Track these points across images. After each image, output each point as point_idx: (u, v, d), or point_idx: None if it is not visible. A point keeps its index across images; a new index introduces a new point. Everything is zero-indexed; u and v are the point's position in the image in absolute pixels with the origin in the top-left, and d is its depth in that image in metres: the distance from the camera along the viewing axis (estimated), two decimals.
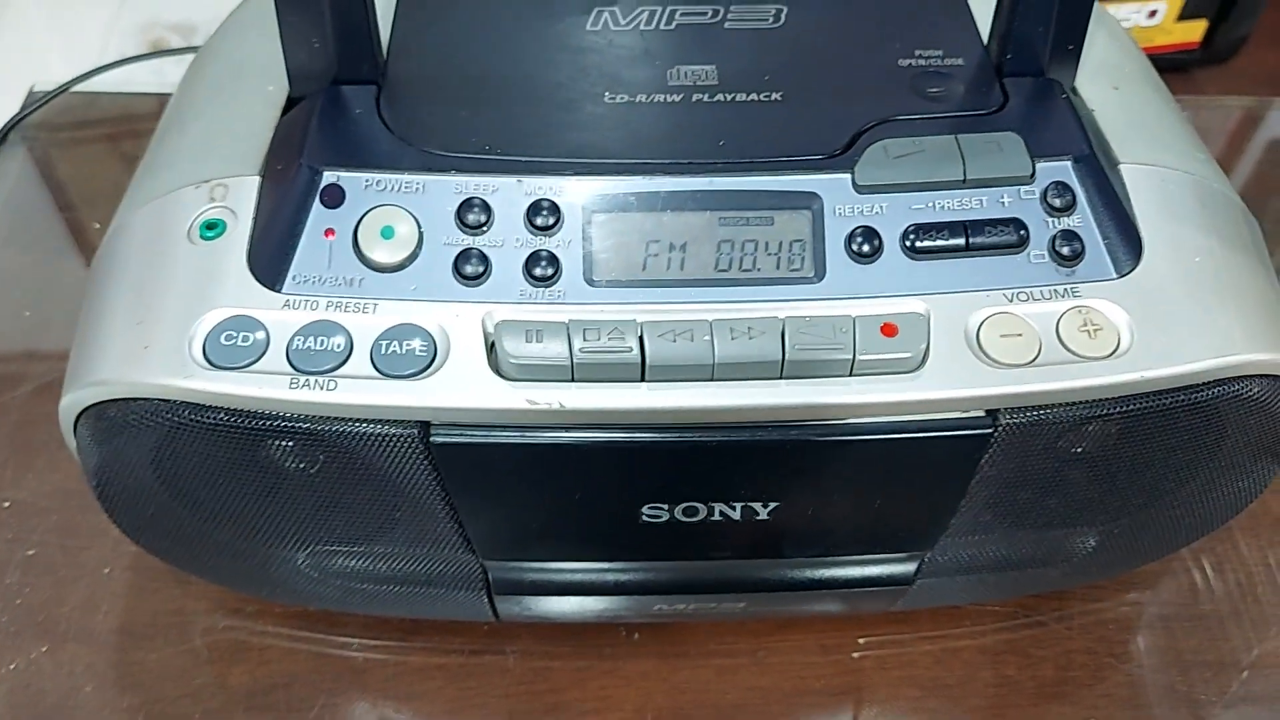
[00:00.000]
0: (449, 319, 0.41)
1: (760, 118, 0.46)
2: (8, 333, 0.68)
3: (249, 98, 0.48)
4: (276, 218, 0.43)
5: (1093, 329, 0.42)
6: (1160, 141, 0.48)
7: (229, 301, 0.42)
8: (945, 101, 0.47)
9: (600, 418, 0.41)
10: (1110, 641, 0.56)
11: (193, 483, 0.43)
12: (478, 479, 0.42)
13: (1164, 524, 0.49)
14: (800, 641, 0.55)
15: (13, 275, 0.71)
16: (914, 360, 0.41)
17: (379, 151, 0.44)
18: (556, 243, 0.43)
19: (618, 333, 0.41)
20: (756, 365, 0.40)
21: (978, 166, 0.44)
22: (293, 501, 0.44)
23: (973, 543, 0.48)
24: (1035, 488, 0.45)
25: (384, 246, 0.42)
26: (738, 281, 0.42)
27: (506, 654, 0.54)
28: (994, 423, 0.41)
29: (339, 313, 0.41)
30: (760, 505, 0.44)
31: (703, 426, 0.41)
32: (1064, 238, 0.43)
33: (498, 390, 0.40)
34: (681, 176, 0.43)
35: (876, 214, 0.43)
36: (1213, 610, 0.57)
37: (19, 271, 0.72)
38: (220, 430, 0.41)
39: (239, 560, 0.48)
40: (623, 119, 0.46)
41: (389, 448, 0.41)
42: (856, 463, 0.43)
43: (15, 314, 0.69)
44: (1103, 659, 0.55)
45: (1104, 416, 0.42)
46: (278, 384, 0.40)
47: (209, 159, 0.46)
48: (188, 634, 0.55)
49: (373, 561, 0.47)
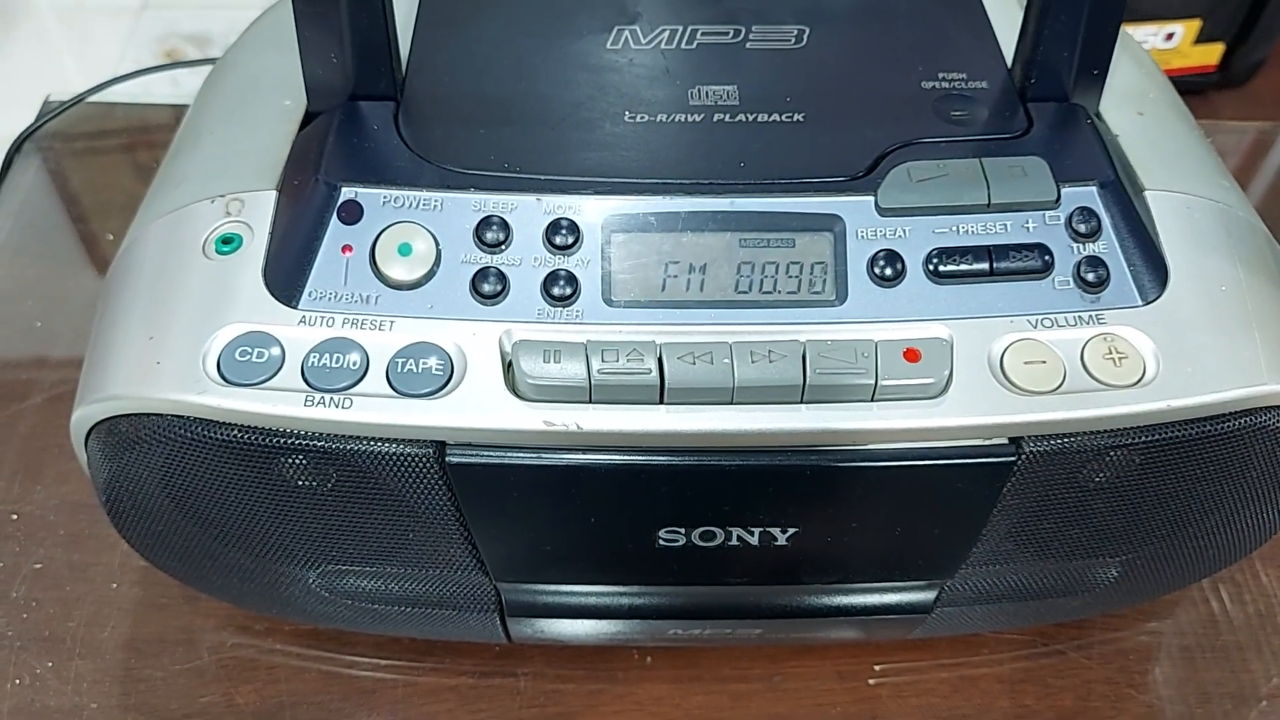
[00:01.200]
0: (466, 338, 0.41)
1: (782, 139, 0.45)
2: (19, 343, 0.68)
3: (266, 112, 0.48)
4: (293, 233, 0.42)
5: (1118, 357, 0.42)
6: (1185, 168, 0.48)
7: (244, 317, 0.41)
8: (969, 125, 0.47)
9: (618, 440, 0.40)
10: (1130, 671, 0.55)
11: (204, 499, 0.43)
12: (493, 500, 0.42)
13: (1187, 554, 0.48)
14: (817, 668, 0.54)
15: (25, 285, 0.71)
16: (937, 386, 0.40)
17: (397, 168, 0.44)
18: (575, 262, 0.42)
19: (636, 354, 0.40)
20: (777, 389, 0.40)
21: (1002, 191, 0.43)
22: (305, 520, 0.44)
23: (993, 572, 0.47)
24: (1058, 517, 0.44)
25: (401, 264, 0.42)
26: (758, 304, 0.42)
27: (518, 676, 0.54)
28: (1017, 451, 0.41)
29: (355, 330, 0.41)
30: (779, 531, 0.43)
31: (721, 450, 0.41)
32: (1089, 264, 0.43)
33: (514, 411, 0.40)
34: (702, 197, 0.43)
35: (899, 237, 0.43)
36: (1233, 640, 0.56)
37: (31, 282, 0.71)
38: (233, 447, 0.40)
39: (249, 578, 0.47)
40: (643, 138, 0.45)
41: (404, 467, 0.40)
42: (877, 490, 0.42)
43: (27, 324, 0.68)
44: (1122, 689, 0.54)
45: (1129, 446, 0.41)
46: (292, 401, 0.40)
47: (225, 173, 0.46)
48: (195, 651, 0.54)
49: (384, 582, 0.47)
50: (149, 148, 0.80)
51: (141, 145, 0.81)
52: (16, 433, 0.62)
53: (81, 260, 0.73)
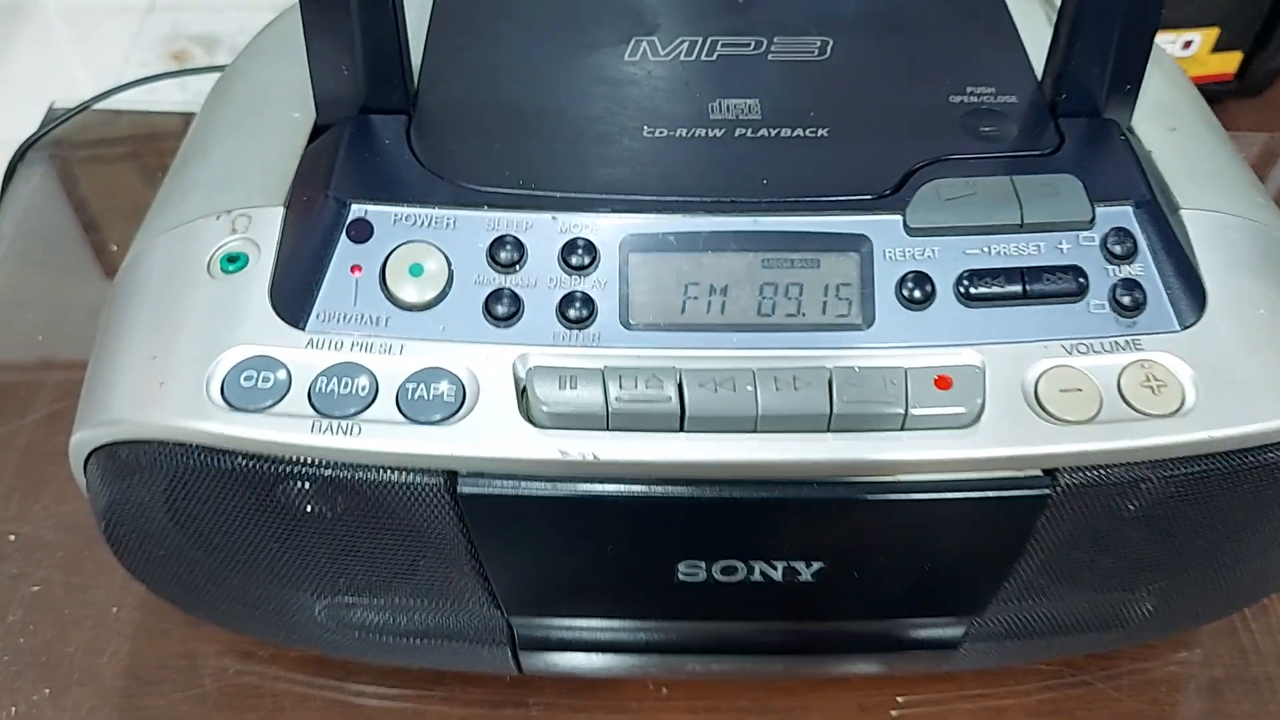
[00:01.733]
0: (479, 362, 0.39)
1: (806, 155, 0.44)
2: (20, 357, 0.67)
3: (274, 124, 0.47)
4: (301, 252, 0.41)
5: (1156, 385, 0.40)
6: (1220, 185, 0.46)
7: (249, 339, 0.40)
8: (999, 141, 0.45)
9: (636, 470, 0.39)
10: (1160, 703, 0.53)
11: (207, 527, 0.42)
12: (506, 531, 0.40)
13: (1222, 586, 0.47)
14: (837, 699, 0.52)
15: (27, 296, 0.70)
16: (969, 415, 0.39)
17: (409, 184, 0.42)
18: (592, 283, 0.41)
19: (656, 380, 0.39)
20: (802, 418, 0.38)
21: (1035, 210, 0.42)
22: (311, 548, 0.42)
23: (1024, 606, 0.45)
24: (1092, 549, 0.43)
25: (412, 284, 0.40)
26: (782, 327, 0.40)
27: (529, 706, 0.52)
28: (1053, 483, 0.39)
29: (364, 354, 0.40)
30: (803, 565, 0.42)
31: (744, 481, 0.39)
32: (1125, 286, 0.41)
33: (529, 439, 0.38)
34: (723, 215, 0.42)
35: (929, 258, 0.41)
36: (1263, 671, 0.55)
37: (33, 292, 0.70)
38: (238, 475, 0.39)
39: (253, 607, 0.46)
40: (662, 154, 0.44)
41: (413, 497, 0.39)
42: (907, 523, 0.41)
43: (28, 337, 0.67)
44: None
45: (1168, 477, 0.40)
46: (299, 427, 0.38)
47: (231, 188, 0.44)
48: (197, 678, 0.53)
49: (392, 614, 0.45)
50: (156, 155, 0.79)
51: (148, 152, 0.79)
52: (16, 447, 0.61)
53: (86, 270, 0.72)
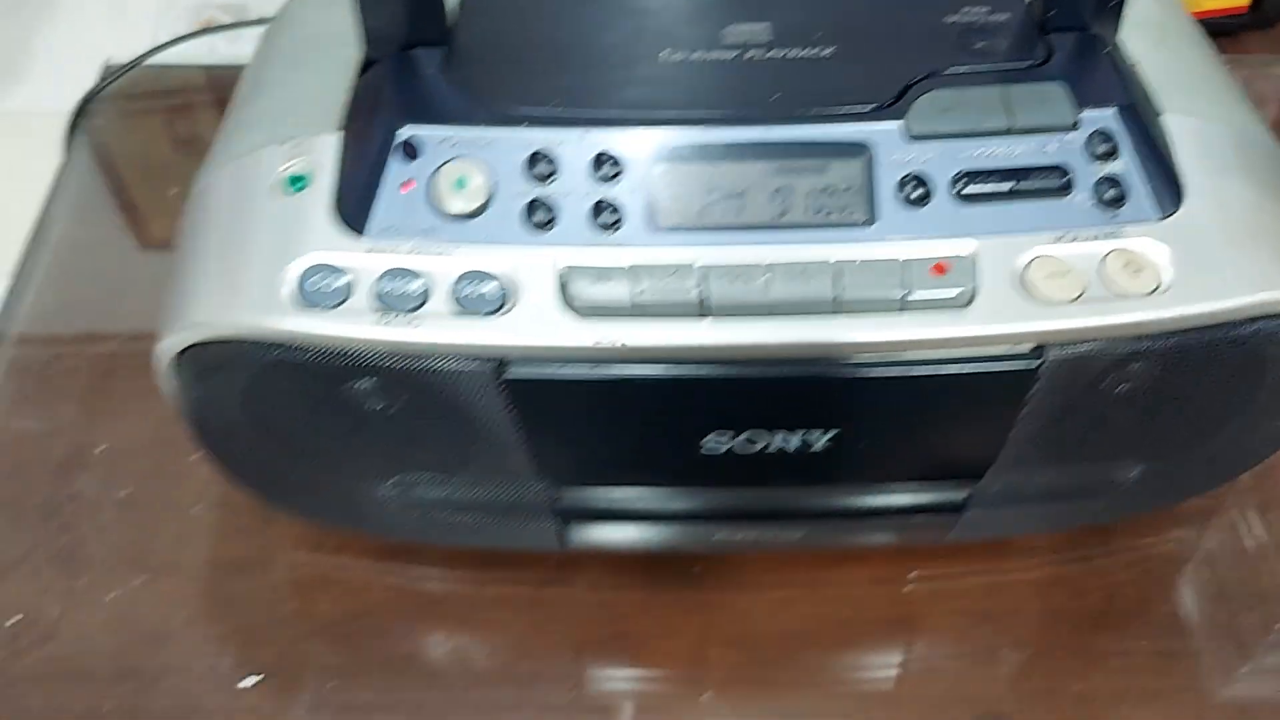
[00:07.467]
0: (520, 263, 0.44)
1: (812, 72, 0.48)
2: (96, 288, 0.72)
3: (324, 63, 0.51)
4: (358, 171, 0.46)
5: (1135, 269, 0.44)
6: (1202, 94, 0.50)
7: (316, 248, 0.44)
8: (991, 56, 0.49)
9: (664, 354, 0.43)
10: (1156, 576, 0.58)
11: (285, 419, 0.47)
12: (549, 411, 0.45)
13: (1207, 459, 0.51)
14: (855, 574, 0.57)
15: (100, 236, 0.75)
16: (963, 298, 0.43)
17: (452, 108, 0.47)
18: (620, 191, 0.45)
19: (679, 275, 0.43)
20: (811, 303, 0.43)
21: (1023, 116, 0.46)
22: (375, 436, 0.47)
23: (1020, 474, 0.49)
24: (1080, 422, 0.47)
25: (458, 197, 0.45)
26: (794, 226, 0.44)
27: (575, 586, 0.57)
28: (1041, 357, 0.43)
29: (418, 258, 0.44)
30: (816, 435, 0.46)
31: (760, 361, 0.44)
32: (1107, 182, 0.45)
33: (567, 328, 0.43)
34: (738, 128, 0.46)
35: (927, 161, 0.45)
36: (1256, 546, 0.59)
37: (104, 232, 0.75)
38: (311, 368, 0.44)
39: (324, 492, 0.51)
40: (680, 75, 0.48)
41: (467, 383, 0.44)
42: (908, 396, 0.45)
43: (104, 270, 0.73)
44: (1148, 592, 0.57)
45: (1147, 352, 0.44)
46: (364, 323, 0.43)
47: (290, 120, 0.49)
48: (273, 568, 0.58)
49: (450, 490, 0.50)
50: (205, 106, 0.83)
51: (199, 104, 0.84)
52: (97, 371, 0.67)
53: (151, 210, 0.76)
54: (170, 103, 0.83)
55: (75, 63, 0.85)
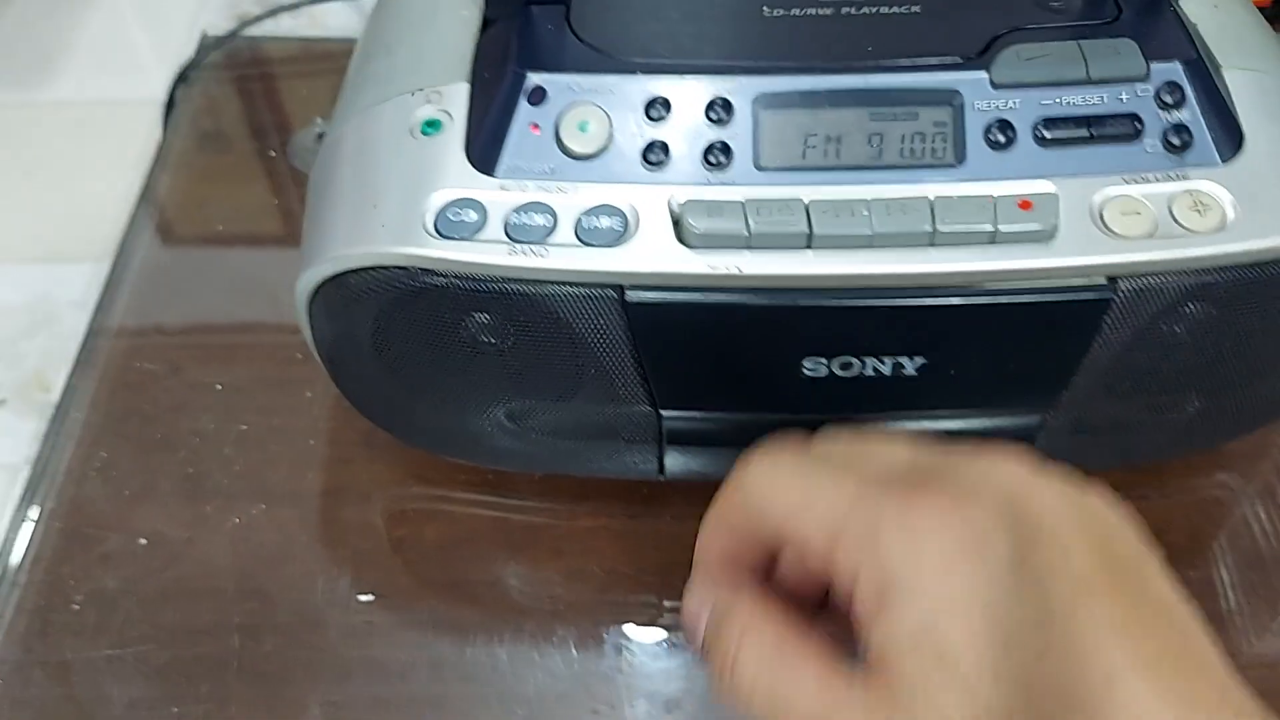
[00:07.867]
0: (639, 198, 0.48)
1: (904, 26, 0.52)
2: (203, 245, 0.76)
3: (447, 21, 0.55)
4: (488, 115, 0.50)
5: (1201, 208, 0.48)
6: (1256, 52, 0.53)
7: (451, 184, 0.48)
8: (1067, 14, 0.53)
9: (771, 282, 0.47)
10: (1207, 511, 0.61)
11: (410, 349, 0.51)
12: (663, 334, 0.49)
13: (1265, 394, 0.54)
14: None
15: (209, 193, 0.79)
16: (1047, 233, 0.47)
17: (575, 58, 0.51)
18: (729, 134, 0.49)
19: (786, 209, 0.47)
20: (909, 236, 0.47)
21: (1099, 67, 0.50)
22: (493, 365, 0.51)
23: (1090, 402, 0.53)
24: (1147, 353, 0.51)
25: (581, 138, 0.49)
26: (889, 167, 0.48)
27: (663, 518, 0.61)
28: (1115, 288, 0.47)
29: (545, 194, 0.48)
30: (908, 360, 0.50)
31: (860, 290, 0.48)
32: (1175, 130, 0.49)
33: (683, 257, 0.47)
34: (837, 75, 0.50)
35: (1011, 108, 0.49)
36: None
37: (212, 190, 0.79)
38: (449, 293, 0.48)
39: (441, 423, 0.55)
40: (781, 29, 0.52)
41: (591, 307, 0.48)
42: (995, 323, 0.49)
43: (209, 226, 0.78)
44: (1199, 525, 0.61)
45: (1211, 285, 0.48)
46: (498, 251, 0.47)
47: (419, 72, 0.52)
48: (382, 498, 0.62)
49: (560, 415, 0.54)
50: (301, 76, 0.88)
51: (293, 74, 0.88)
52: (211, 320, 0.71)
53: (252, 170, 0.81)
54: (269, 70, 0.88)
55: (172, 44, 0.89)
